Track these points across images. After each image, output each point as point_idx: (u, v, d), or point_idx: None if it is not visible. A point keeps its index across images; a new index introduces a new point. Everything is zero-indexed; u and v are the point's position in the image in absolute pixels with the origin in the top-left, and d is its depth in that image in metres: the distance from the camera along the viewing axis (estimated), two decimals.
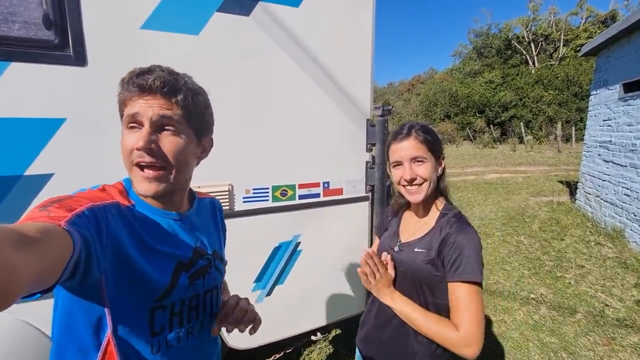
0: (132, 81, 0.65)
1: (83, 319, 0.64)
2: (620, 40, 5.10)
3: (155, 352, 0.70)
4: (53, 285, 0.47)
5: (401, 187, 1.04)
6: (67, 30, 1.16)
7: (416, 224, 1.10)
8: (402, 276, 1.05)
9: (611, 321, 2.83)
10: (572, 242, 4.63)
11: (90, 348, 0.64)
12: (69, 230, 0.50)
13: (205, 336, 0.82)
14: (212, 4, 1.38)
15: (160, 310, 0.70)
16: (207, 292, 0.82)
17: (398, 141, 1.03)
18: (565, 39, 26.41)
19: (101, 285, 0.62)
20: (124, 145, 0.66)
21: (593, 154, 5.85)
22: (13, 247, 0.38)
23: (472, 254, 0.90)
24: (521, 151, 17.38)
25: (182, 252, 0.74)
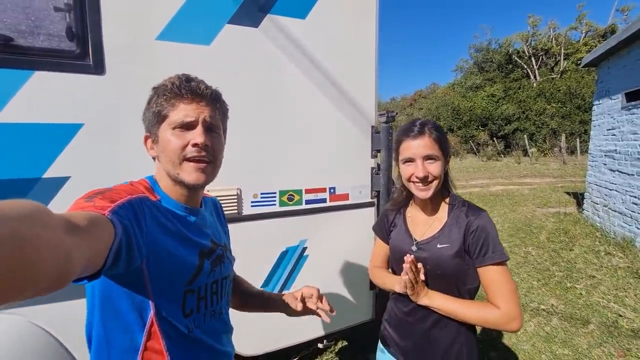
0: (184, 86, 0.73)
1: (128, 303, 0.69)
2: (620, 50, 5.18)
3: (188, 332, 0.76)
4: (99, 271, 0.51)
5: (411, 184, 1.04)
6: (87, 41, 1.23)
7: (427, 220, 1.10)
8: (430, 274, 1.04)
9: (626, 332, 2.75)
10: (581, 252, 4.56)
11: (136, 329, 0.70)
12: (111, 219, 0.55)
13: (223, 319, 0.89)
14: (223, 17, 1.46)
15: (190, 293, 0.76)
16: (223, 279, 0.88)
17: (411, 138, 1.02)
18: (565, 53, 26.72)
19: (143, 270, 0.67)
20: (175, 142, 0.73)
21: (599, 164, 5.82)
22: (66, 233, 0.40)
23: (494, 235, 0.97)
24: (526, 163, 17.32)
25: (203, 241, 0.82)
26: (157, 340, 0.72)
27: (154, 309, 0.71)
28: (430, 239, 1.06)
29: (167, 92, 0.73)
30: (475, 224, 0.99)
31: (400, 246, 1.12)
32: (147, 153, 0.81)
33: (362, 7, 1.80)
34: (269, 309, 1.11)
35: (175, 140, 0.73)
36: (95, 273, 0.52)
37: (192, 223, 0.81)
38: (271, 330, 1.75)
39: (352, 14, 1.78)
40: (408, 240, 1.11)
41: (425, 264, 1.03)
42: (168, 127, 0.74)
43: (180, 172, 0.75)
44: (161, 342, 0.72)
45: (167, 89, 0.73)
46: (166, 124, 0.74)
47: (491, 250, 0.96)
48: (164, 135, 0.74)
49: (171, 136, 0.73)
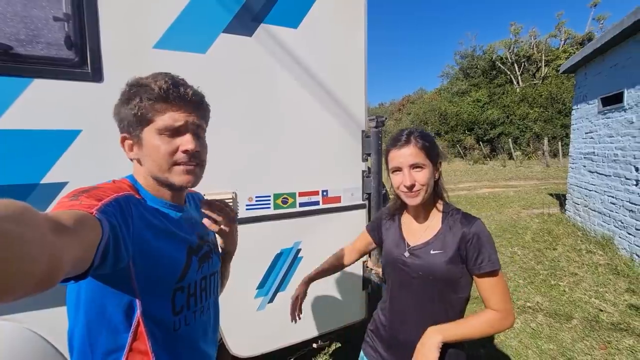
0: (172, 92, 0.71)
1: (114, 303, 0.68)
2: (595, 58, 5.44)
3: (176, 329, 0.76)
4: (87, 270, 0.51)
5: (400, 192, 1.07)
6: (86, 49, 1.26)
7: (421, 227, 1.12)
8: (422, 281, 1.05)
9: (606, 325, 2.88)
10: (564, 251, 4.72)
11: (121, 329, 0.69)
12: (98, 217, 0.54)
13: (211, 314, 0.90)
14: (218, 26, 1.51)
15: (180, 291, 0.77)
16: (211, 275, 0.89)
17: (397, 148, 1.04)
18: (546, 60, 27.66)
19: (130, 269, 0.67)
20: (164, 148, 0.72)
21: (578, 166, 6.06)
22: (53, 233, 0.40)
23: (490, 243, 1.00)
24: (511, 166, 17.76)
25: (190, 237, 0.82)
26: (142, 341, 0.71)
27: (141, 308, 0.70)
28: (423, 245, 1.07)
29: (153, 96, 0.70)
30: (472, 232, 1.01)
31: (393, 251, 1.13)
32: (126, 155, 0.77)
33: (352, 17, 1.88)
34: None
35: (164, 146, 0.72)
36: (83, 273, 0.51)
37: (178, 220, 0.81)
38: (266, 331, 1.78)
39: (342, 24, 1.85)
40: (401, 246, 1.12)
41: (418, 270, 1.05)
42: (154, 131, 0.72)
43: (169, 176, 0.75)
44: (147, 343, 0.72)
45: (153, 93, 0.70)
46: (152, 127, 0.72)
47: (487, 259, 0.98)
48: (149, 139, 0.72)
49: (159, 141, 0.72)
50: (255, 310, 1.74)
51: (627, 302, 3.21)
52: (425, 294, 1.05)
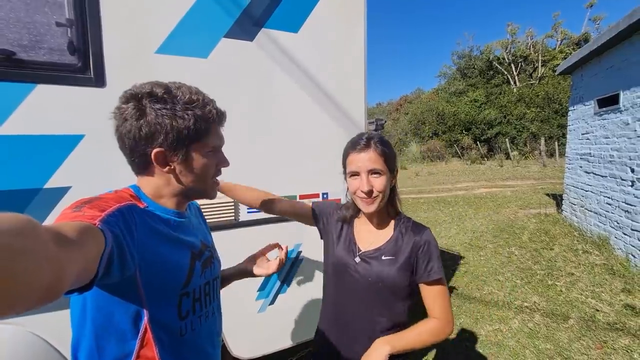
0: (221, 114, 0.83)
1: (121, 311, 0.69)
2: (592, 59, 5.48)
3: (183, 334, 0.78)
4: (91, 281, 0.51)
5: (357, 197, 1.03)
6: (88, 55, 1.27)
7: (373, 233, 1.11)
8: (370, 287, 1.04)
9: (602, 325, 2.91)
10: (561, 251, 4.77)
11: (129, 337, 0.70)
12: (102, 228, 0.54)
13: (215, 319, 0.92)
14: (220, 31, 1.52)
15: (185, 296, 0.78)
16: (214, 280, 0.91)
17: (357, 152, 1.01)
18: (543, 60, 27.80)
19: (136, 278, 0.68)
20: (212, 164, 0.83)
21: (575, 166, 6.11)
22: (57, 245, 0.40)
23: (438, 252, 1.04)
24: (508, 166, 17.86)
25: (192, 243, 0.84)
26: (150, 347, 0.72)
27: (148, 314, 0.71)
28: (375, 251, 1.06)
29: (205, 117, 0.77)
30: (424, 240, 1.03)
31: (343, 256, 1.10)
32: (158, 168, 0.76)
33: (351, 21, 1.90)
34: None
35: (211, 163, 0.82)
36: (87, 284, 0.51)
37: (181, 226, 0.82)
38: (267, 333, 1.79)
39: (342, 27, 1.87)
40: (352, 251, 1.09)
41: (368, 276, 1.03)
42: (204, 149, 0.80)
43: (208, 189, 0.84)
44: (154, 349, 0.72)
45: (204, 114, 0.77)
46: (203, 145, 0.79)
47: (436, 268, 1.01)
48: (198, 157, 0.79)
49: (209, 159, 0.82)
50: (256, 312, 1.75)
51: (622, 302, 3.25)
52: (372, 302, 1.04)
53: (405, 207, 8.40)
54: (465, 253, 4.96)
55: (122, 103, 0.75)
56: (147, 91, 0.73)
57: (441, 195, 10.12)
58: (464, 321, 3.14)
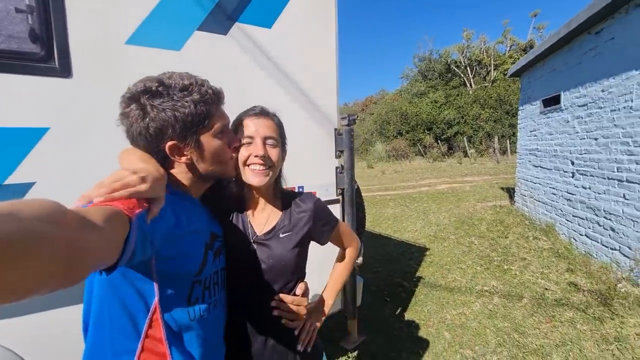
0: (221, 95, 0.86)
1: (132, 290, 0.71)
2: (537, 63, 6.02)
3: (192, 319, 0.79)
4: (114, 265, 0.51)
5: (247, 168, 0.93)
6: (52, 43, 1.20)
7: (263, 214, 1.03)
8: (272, 270, 0.97)
9: (551, 302, 3.24)
10: (514, 238, 5.19)
11: (140, 315, 0.72)
12: (131, 218, 0.53)
13: (222, 308, 0.92)
14: (193, 23, 1.50)
15: (197, 284, 0.80)
16: (222, 270, 0.92)
17: (252, 117, 0.95)
18: (495, 64, 29.86)
19: (151, 263, 0.70)
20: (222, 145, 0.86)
21: (525, 161, 6.67)
22: (82, 229, 0.41)
23: (325, 206, 1.11)
24: (466, 163, 18.97)
25: (206, 232, 0.86)
26: (157, 329, 0.73)
27: (158, 296, 0.72)
28: (271, 230, 1.00)
29: (211, 100, 0.79)
30: (315, 204, 1.05)
31: (238, 243, 0.98)
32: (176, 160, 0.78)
33: (323, 17, 1.95)
34: None
35: (223, 144, 0.85)
36: (110, 267, 0.52)
37: (197, 213, 0.85)
38: None
39: (314, 24, 1.92)
40: (246, 237, 0.99)
41: (269, 258, 0.97)
42: (213, 133, 0.82)
43: (227, 170, 0.88)
44: (161, 331, 0.73)
45: (208, 96, 0.78)
46: (211, 130, 0.82)
47: (330, 216, 1.10)
48: (210, 139, 0.82)
49: (220, 140, 0.84)
50: None
51: (567, 280, 3.63)
52: (273, 284, 0.98)
53: (373, 204, 8.65)
54: (431, 245, 5.23)
55: (124, 108, 0.75)
56: (141, 89, 0.73)
57: (407, 192, 10.53)
58: (431, 308, 3.33)
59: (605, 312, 2.94)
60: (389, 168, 19.22)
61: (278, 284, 0.99)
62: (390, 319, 3.18)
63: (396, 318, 3.20)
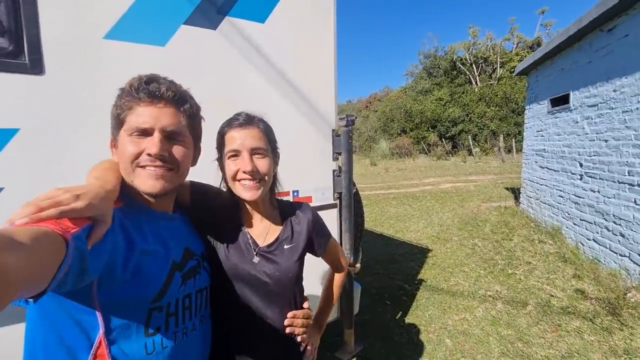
0: (142, 88, 0.67)
1: (70, 321, 0.63)
2: (545, 61, 5.85)
3: (149, 352, 0.69)
4: (44, 291, 0.46)
5: (236, 183, 0.89)
6: (22, 37, 1.11)
7: (263, 226, 0.99)
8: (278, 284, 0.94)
9: (557, 310, 3.12)
10: (519, 241, 5.07)
11: (80, 351, 0.63)
12: (65, 237, 0.48)
13: (197, 336, 0.82)
14: (179, 17, 1.40)
15: (157, 311, 0.71)
16: (198, 292, 0.82)
17: (237, 128, 0.89)
18: (501, 62, 29.43)
19: (92, 288, 0.61)
20: (130, 149, 0.68)
21: (531, 162, 6.52)
22: (6, 250, 0.37)
23: (320, 218, 1.10)
24: (471, 162, 18.77)
25: (174, 251, 0.76)
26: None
27: (103, 328, 0.63)
28: (275, 242, 0.96)
29: (125, 95, 0.69)
30: (313, 215, 1.06)
31: (236, 261, 0.92)
32: (113, 158, 0.76)
33: (321, 13, 1.84)
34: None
35: (130, 147, 0.69)
36: (40, 293, 0.46)
37: (162, 231, 0.75)
38: None
39: (311, 19, 1.81)
40: (247, 251, 0.94)
41: (274, 271, 0.93)
42: (125, 132, 0.70)
43: (134, 179, 0.71)
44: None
45: (125, 91, 0.70)
46: (123, 129, 0.70)
47: (325, 230, 1.10)
48: (121, 140, 0.70)
49: (128, 143, 0.69)
50: None
51: (574, 287, 3.51)
52: (278, 298, 0.94)
53: (376, 203, 8.55)
54: (433, 246, 5.13)
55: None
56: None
57: (410, 191, 10.41)
58: (433, 312, 3.23)
59: (613, 322, 2.82)
60: (393, 166, 19.07)
61: (283, 295, 0.96)
62: (390, 323, 3.09)
63: (396, 323, 3.11)
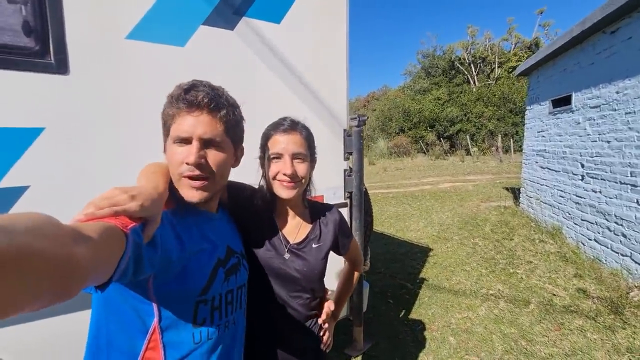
0: (181, 98, 0.70)
1: (130, 309, 0.68)
2: (547, 62, 5.89)
3: (196, 342, 0.74)
4: (108, 281, 0.50)
5: (276, 182, 0.96)
6: (48, 37, 1.12)
7: (294, 223, 1.05)
8: (306, 279, 1.02)
9: (559, 309, 3.17)
10: (520, 241, 5.12)
11: (137, 335, 0.69)
12: (127, 234, 0.52)
13: (237, 329, 0.87)
14: (198, 17, 1.41)
15: (203, 304, 0.75)
16: (239, 288, 0.87)
17: (281, 133, 0.96)
18: (499, 62, 29.54)
19: (148, 283, 0.67)
20: (175, 158, 0.72)
21: (531, 162, 6.57)
22: (76, 243, 0.40)
23: (344, 218, 1.17)
24: (469, 162, 18.84)
25: (219, 249, 0.81)
26: (157, 350, 0.70)
27: (158, 317, 0.69)
28: (304, 240, 1.03)
29: (168, 104, 0.73)
30: (340, 217, 1.13)
31: (271, 257, 0.99)
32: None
33: (334, 13, 1.86)
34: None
35: (175, 155, 0.73)
36: (105, 283, 0.50)
37: (208, 230, 0.80)
38: None
39: (324, 20, 1.83)
40: (279, 247, 1.01)
41: (302, 267, 1.00)
42: (170, 140, 0.74)
43: (179, 188, 0.74)
44: (160, 353, 0.70)
45: (169, 100, 0.73)
46: (170, 137, 0.74)
47: (349, 230, 1.17)
48: (168, 148, 0.75)
49: (173, 151, 0.73)
50: None
51: (575, 286, 3.56)
52: (303, 294, 1.03)
53: (375, 202, 8.58)
54: (434, 245, 5.16)
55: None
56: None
57: (409, 190, 10.45)
58: (435, 311, 3.27)
59: (616, 321, 2.87)
60: (391, 165, 19.12)
61: (309, 289, 1.04)
62: (394, 322, 3.12)
63: (400, 321, 3.14)
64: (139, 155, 0.98)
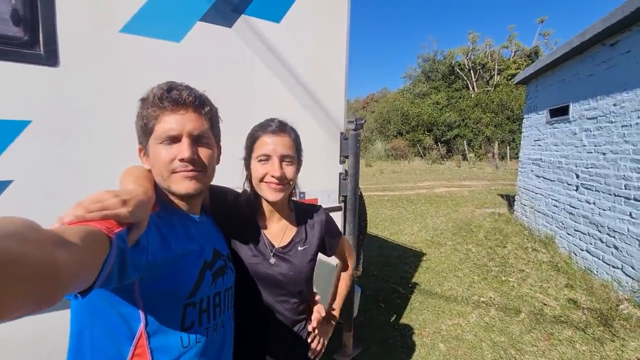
0: (165, 97, 0.70)
1: (116, 314, 0.67)
2: (546, 72, 5.92)
3: (185, 345, 0.73)
4: (91, 286, 0.49)
5: (263, 184, 0.94)
6: (38, 27, 1.08)
7: (279, 227, 1.04)
8: (292, 283, 1.00)
9: (549, 318, 3.18)
10: (513, 248, 5.13)
11: (123, 340, 0.68)
12: (111, 240, 0.51)
13: (226, 332, 0.87)
14: (195, 13, 1.38)
15: (191, 306, 0.74)
16: (226, 291, 0.86)
17: (269, 134, 0.93)
18: (498, 69, 29.73)
19: (134, 287, 0.65)
20: (162, 157, 0.72)
21: (527, 170, 6.60)
22: (57, 248, 0.39)
23: (331, 218, 1.15)
24: (465, 167, 18.93)
25: (205, 251, 0.80)
26: (144, 356, 0.68)
27: (144, 322, 0.68)
28: (290, 244, 1.02)
29: (149, 105, 0.72)
30: (326, 217, 1.11)
31: (256, 262, 0.97)
32: (143, 165, 0.80)
33: (334, 14, 1.83)
34: None
35: (163, 154, 0.73)
36: (87, 288, 0.49)
37: (194, 232, 0.79)
38: None
39: (325, 21, 1.80)
40: (264, 252, 0.99)
41: (290, 270, 0.99)
42: (155, 141, 0.73)
43: (170, 184, 0.74)
44: (148, 358, 0.69)
45: (149, 101, 0.72)
46: (153, 138, 0.73)
47: (336, 229, 1.14)
48: (152, 149, 0.74)
49: (160, 150, 0.73)
50: None
51: (566, 297, 3.57)
52: (289, 297, 1.01)
53: (370, 205, 8.57)
54: (427, 250, 5.16)
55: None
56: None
57: (405, 194, 10.46)
58: (427, 316, 3.26)
59: (605, 333, 2.88)
60: (388, 168, 19.14)
61: (296, 293, 1.02)
62: (385, 326, 3.11)
63: (391, 325, 3.13)
64: (129, 152, 0.95)
